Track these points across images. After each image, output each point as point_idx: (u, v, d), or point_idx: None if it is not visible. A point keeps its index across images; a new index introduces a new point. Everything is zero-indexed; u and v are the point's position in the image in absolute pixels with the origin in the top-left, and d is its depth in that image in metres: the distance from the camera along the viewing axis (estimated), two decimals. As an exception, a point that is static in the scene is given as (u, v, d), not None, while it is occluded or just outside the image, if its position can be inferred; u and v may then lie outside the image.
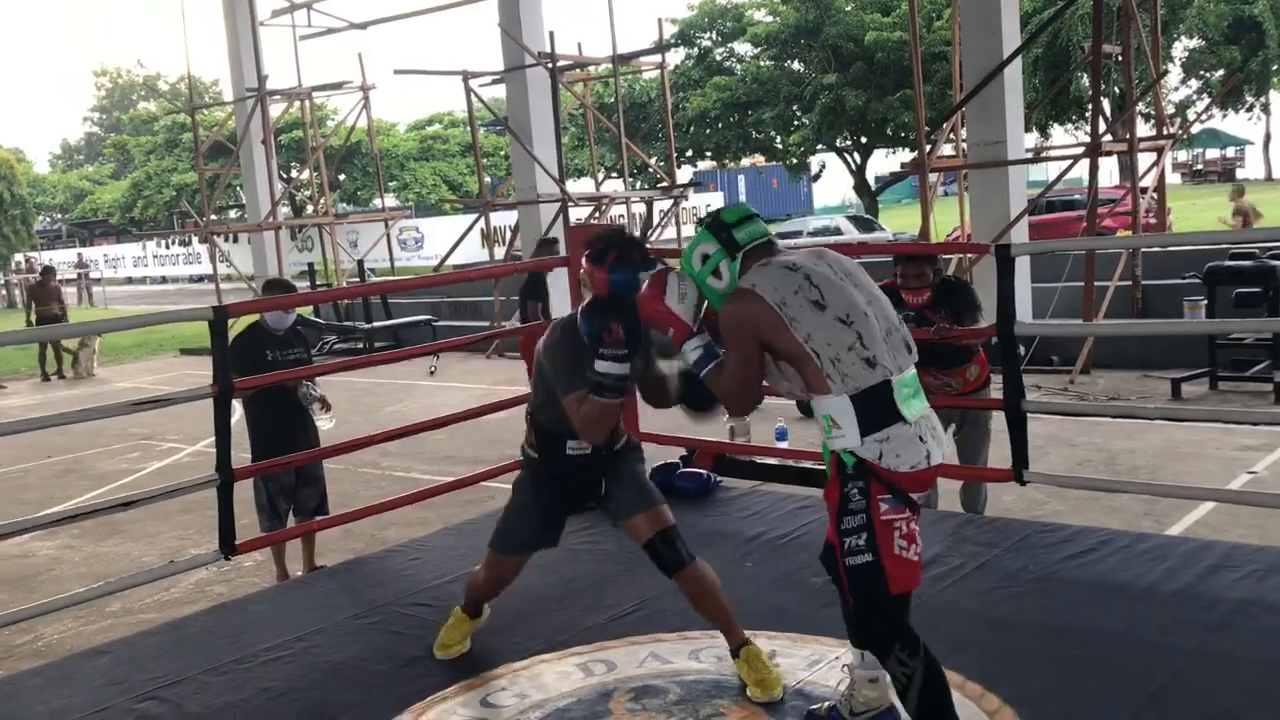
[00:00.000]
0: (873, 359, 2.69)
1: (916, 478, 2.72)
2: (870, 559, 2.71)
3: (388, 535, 6.17)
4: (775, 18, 27.65)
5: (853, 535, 2.72)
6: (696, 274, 2.88)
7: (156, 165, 40.27)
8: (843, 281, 2.79)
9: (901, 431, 2.70)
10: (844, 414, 2.70)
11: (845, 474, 2.73)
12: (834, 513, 2.78)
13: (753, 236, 2.86)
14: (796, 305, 2.71)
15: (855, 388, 2.68)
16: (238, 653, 3.99)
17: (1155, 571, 4.08)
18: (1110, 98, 17.56)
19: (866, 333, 2.71)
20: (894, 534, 2.70)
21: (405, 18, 18.04)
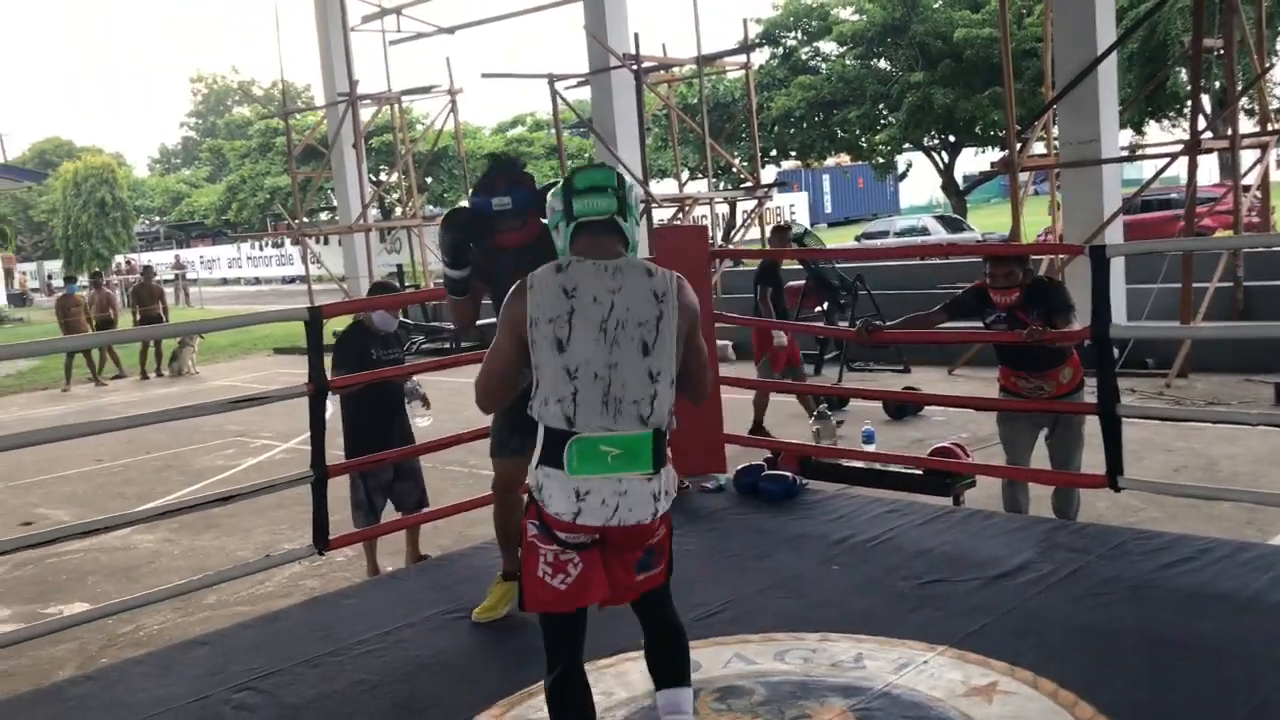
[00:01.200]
0: (571, 416, 2.67)
1: (560, 524, 2.70)
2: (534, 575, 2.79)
3: (474, 533, 6.24)
4: (861, 16, 27.39)
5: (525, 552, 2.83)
6: (548, 220, 2.91)
7: (250, 169, 41.31)
8: (603, 335, 2.68)
9: (560, 478, 2.67)
10: (540, 436, 2.73)
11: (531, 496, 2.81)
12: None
13: (589, 210, 2.77)
14: (542, 333, 2.68)
15: (547, 425, 2.71)
16: (330, 645, 4.08)
17: (1260, 581, 3.95)
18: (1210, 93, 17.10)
19: (583, 392, 2.66)
20: (539, 558, 2.75)
21: (492, 21, 18.30)
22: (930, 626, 3.79)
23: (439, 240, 3.89)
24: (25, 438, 4.42)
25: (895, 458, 6.12)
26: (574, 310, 2.68)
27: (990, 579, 4.19)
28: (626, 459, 2.69)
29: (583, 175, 2.81)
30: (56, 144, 58.09)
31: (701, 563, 4.65)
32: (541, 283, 2.71)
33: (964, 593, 4.10)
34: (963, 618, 3.85)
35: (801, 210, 38.17)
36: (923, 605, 4.01)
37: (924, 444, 7.49)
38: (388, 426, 5.67)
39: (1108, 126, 10.90)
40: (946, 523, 4.97)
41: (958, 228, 24.70)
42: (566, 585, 2.75)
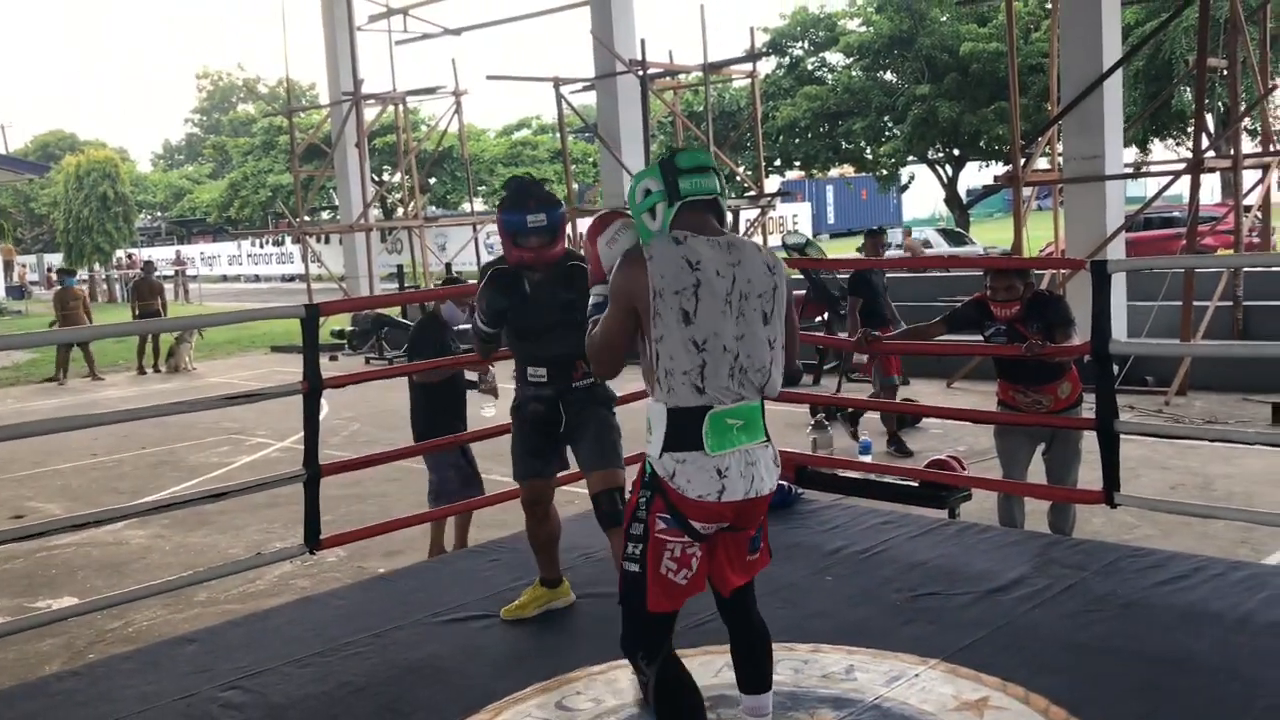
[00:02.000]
0: (701, 387, 2.64)
1: (704, 508, 2.66)
2: (638, 570, 2.72)
3: (469, 536, 6.22)
4: (868, 27, 27.41)
5: (631, 542, 2.74)
6: (636, 206, 2.81)
7: (253, 166, 41.31)
8: (729, 305, 2.68)
9: (698, 459, 2.64)
10: (659, 422, 2.69)
11: (644, 480, 2.73)
12: (627, 515, 2.79)
13: (696, 190, 2.74)
14: (668, 305, 2.64)
15: (675, 404, 2.66)
16: (320, 646, 4.06)
17: (1252, 601, 3.94)
18: (1214, 113, 17.12)
19: (711, 364, 2.65)
20: (664, 554, 2.69)
21: (498, 24, 18.31)
22: (923, 640, 3.77)
23: (483, 300, 3.91)
24: (18, 429, 4.41)
25: (891, 469, 6.10)
26: (699, 283, 2.66)
27: (984, 593, 4.18)
28: (748, 429, 2.71)
29: (685, 156, 2.80)
30: (59, 137, 58.07)
31: (694, 570, 4.62)
32: (662, 254, 2.67)
33: (957, 606, 4.08)
34: (956, 631, 3.83)
35: (804, 220, 38.18)
36: (916, 618, 3.99)
37: (921, 456, 7.48)
38: (459, 416, 5.73)
39: (1112, 143, 10.90)
40: (941, 535, 4.95)
41: (960, 241, 24.70)
42: (688, 580, 2.72)
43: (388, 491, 7.75)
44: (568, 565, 4.76)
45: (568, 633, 4.06)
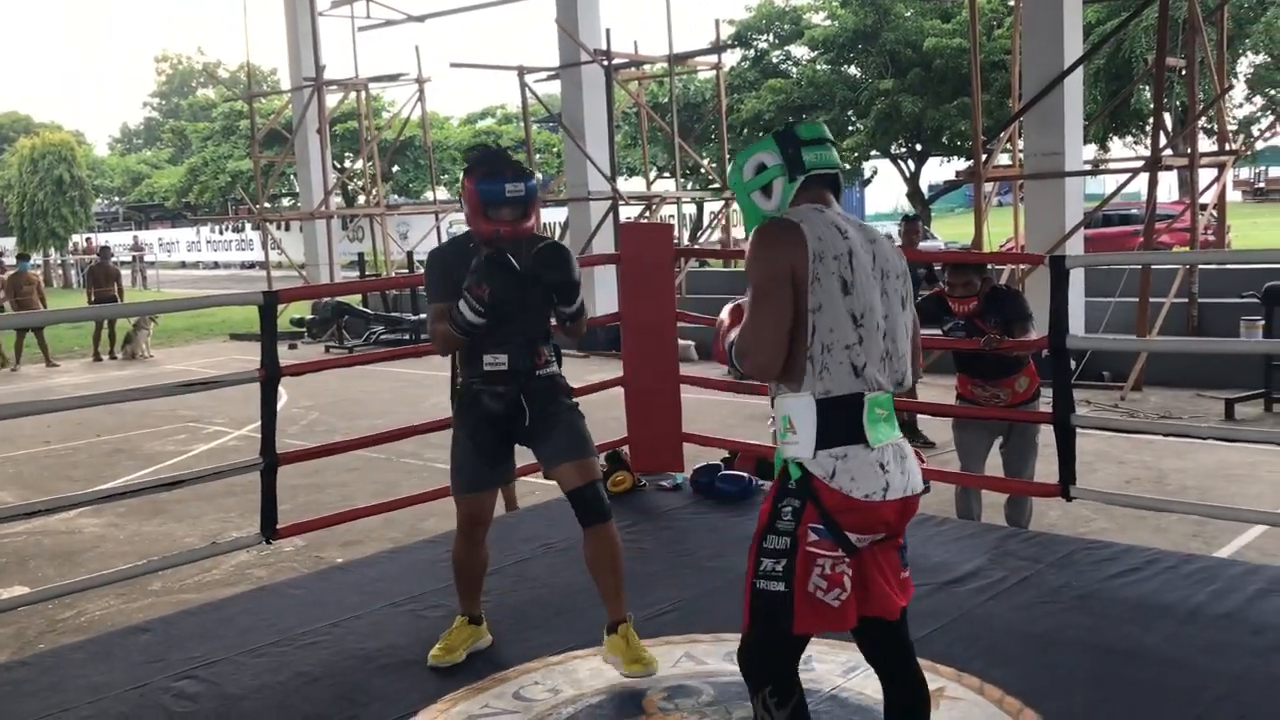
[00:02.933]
0: (859, 368, 2.38)
1: (863, 510, 2.37)
2: (783, 589, 2.39)
3: (427, 526, 6.19)
4: (833, 21, 27.49)
5: (771, 558, 2.40)
6: (744, 183, 2.51)
7: (213, 151, 40.82)
8: (876, 280, 2.45)
9: (861, 454, 2.37)
10: (806, 417, 2.36)
11: (786, 487, 2.41)
12: (760, 527, 2.44)
13: (821, 162, 2.48)
14: (829, 269, 2.36)
15: (826, 390, 2.36)
16: (275, 636, 4.02)
17: (1202, 594, 3.99)
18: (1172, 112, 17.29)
19: (868, 340, 2.40)
20: (814, 570, 2.38)
21: (463, 11, 18.20)
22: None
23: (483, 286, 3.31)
24: (-32, 415, 4.32)
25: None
26: (852, 252, 2.40)
27: (941, 585, 4.21)
28: (891, 421, 2.46)
29: (806, 127, 2.51)
30: (14, 119, 57.11)
31: (655, 561, 4.63)
32: (810, 219, 2.40)
33: (914, 598, 4.08)
34: (912, 622, 3.81)
35: (767, 213, 38.22)
36: (873, 609, 4.01)
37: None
38: None
39: (1072, 140, 11.01)
40: (899, 528, 4.97)
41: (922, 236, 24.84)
42: (840, 602, 2.39)
43: (347, 481, 7.71)
44: (527, 556, 4.75)
45: (526, 623, 4.05)
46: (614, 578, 3.54)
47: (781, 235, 2.39)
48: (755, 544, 2.45)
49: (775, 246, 2.39)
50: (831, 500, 2.35)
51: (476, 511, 3.67)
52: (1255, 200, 44.46)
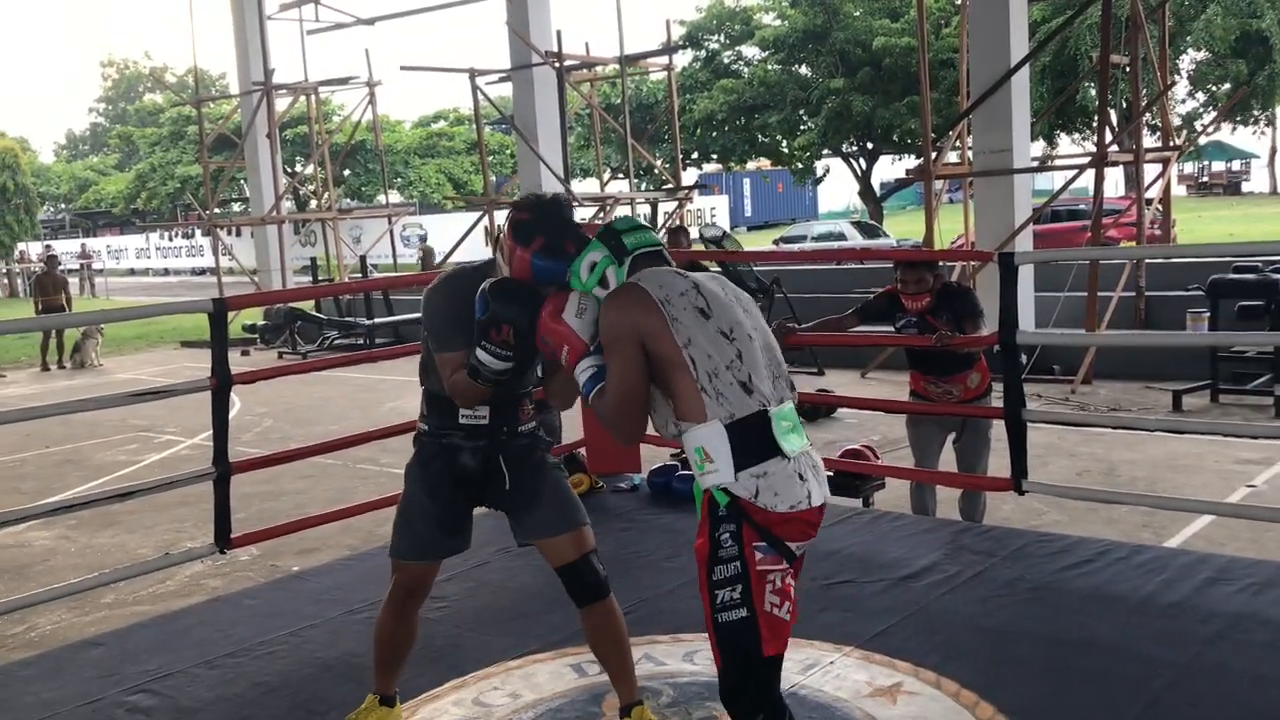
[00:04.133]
0: (749, 383, 2.42)
1: (794, 520, 2.40)
2: (745, 615, 2.37)
3: (384, 532, 6.09)
4: (783, 21, 27.68)
5: (725, 587, 2.38)
6: (584, 284, 2.62)
7: (161, 157, 40.33)
8: (732, 302, 2.55)
9: (780, 468, 2.39)
10: (718, 444, 2.38)
11: (717, 516, 2.39)
12: (703, 563, 2.42)
13: (641, 244, 2.62)
14: (681, 306, 2.45)
15: (730, 414, 2.39)
16: (231, 647, 3.98)
17: (1152, 583, 4.06)
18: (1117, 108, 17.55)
19: (747, 352, 2.45)
20: (767, 587, 2.38)
21: (413, 14, 18.10)
22: (837, 627, 3.82)
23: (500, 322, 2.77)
24: (-90, 430, 4.24)
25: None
26: (697, 284, 2.51)
27: (897, 580, 4.25)
28: (799, 430, 2.49)
29: (619, 221, 2.71)
30: (-44, 126, 56.09)
31: (613, 563, 4.60)
32: (645, 275, 2.54)
33: (871, 594, 4.14)
34: (869, 619, 3.89)
35: (722, 213, 38.42)
36: (830, 606, 4.05)
37: (836, 446, 7.58)
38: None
39: (1020, 137, 11.14)
40: (855, 524, 5.03)
41: (874, 233, 25.06)
42: (789, 614, 2.43)
43: (302, 489, 7.64)
44: (484, 560, 4.73)
45: (484, 628, 4.04)
46: (620, 656, 3.12)
47: (625, 298, 2.50)
48: (704, 580, 2.43)
49: (622, 308, 2.49)
50: (762, 517, 2.37)
51: (415, 583, 3.17)
52: (1199, 194, 45.26)
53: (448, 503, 3.10)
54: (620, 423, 2.51)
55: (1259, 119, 29.85)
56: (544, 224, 2.84)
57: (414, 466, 3.15)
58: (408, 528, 3.13)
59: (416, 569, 3.15)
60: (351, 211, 25.03)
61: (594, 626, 3.11)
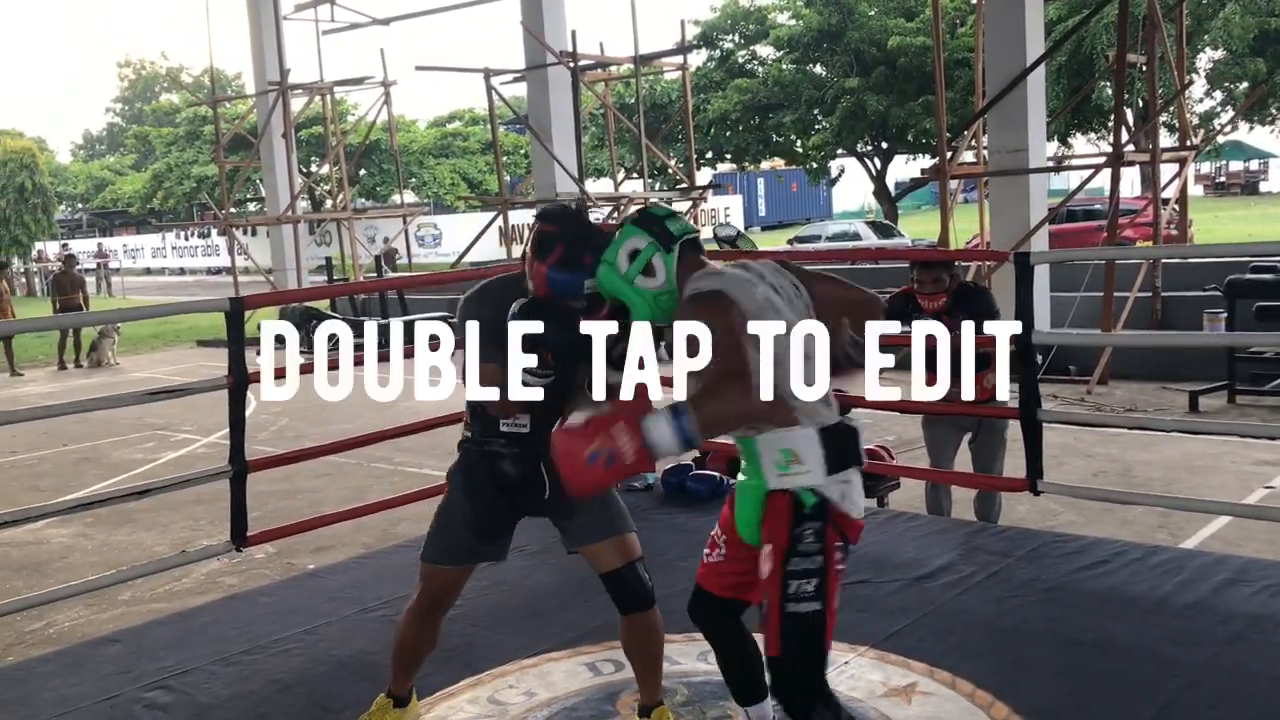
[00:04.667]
0: (826, 398, 2.51)
1: (857, 528, 2.55)
2: (818, 608, 2.47)
3: (399, 531, 6.17)
4: (798, 21, 27.62)
5: (801, 579, 2.46)
6: (623, 274, 2.56)
7: (177, 157, 40.50)
8: (794, 315, 2.53)
9: (856, 478, 2.54)
10: (810, 448, 2.46)
11: (801, 514, 2.47)
12: (779, 555, 2.48)
13: (686, 230, 2.58)
14: (764, 323, 2.46)
15: (819, 422, 2.47)
16: (247, 644, 4.00)
17: (1168, 585, 4.05)
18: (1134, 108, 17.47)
19: (819, 371, 2.51)
20: (837, 587, 2.52)
21: (428, 14, 18.13)
22: (852, 627, 3.81)
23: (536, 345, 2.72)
24: (-70, 427, 4.27)
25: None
26: (773, 286, 2.52)
27: (912, 580, 4.24)
28: None
29: (654, 208, 2.68)
30: (-26, 127, 56.41)
31: (627, 562, 4.64)
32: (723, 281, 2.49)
33: (886, 594, 4.14)
34: (884, 619, 3.89)
35: (736, 213, 38.40)
36: (845, 606, 3.99)
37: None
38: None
39: (1035, 137, 11.11)
40: (870, 524, 4.95)
41: (888, 233, 25.01)
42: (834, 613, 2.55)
43: (318, 487, 7.67)
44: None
45: (499, 626, 4.05)
46: (654, 666, 3.12)
47: (726, 309, 2.43)
48: (776, 570, 2.47)
49: (719, 313, 2.42)
50: (843, 522, 2.51)
51: (444, 590, 3.12)
52: (1216, 194, 45.01)
53: (487, 509, 3.06)
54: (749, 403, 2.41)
55: (1277, 118, 29.64)
56: (566, 235, 2.79)
57: (456, 472, 3.12)
58: (443, 532, 3.09)
59: (447, 574, 3.09)
60: (366, 211, 25.08)
61: (633, 636, 3.08)
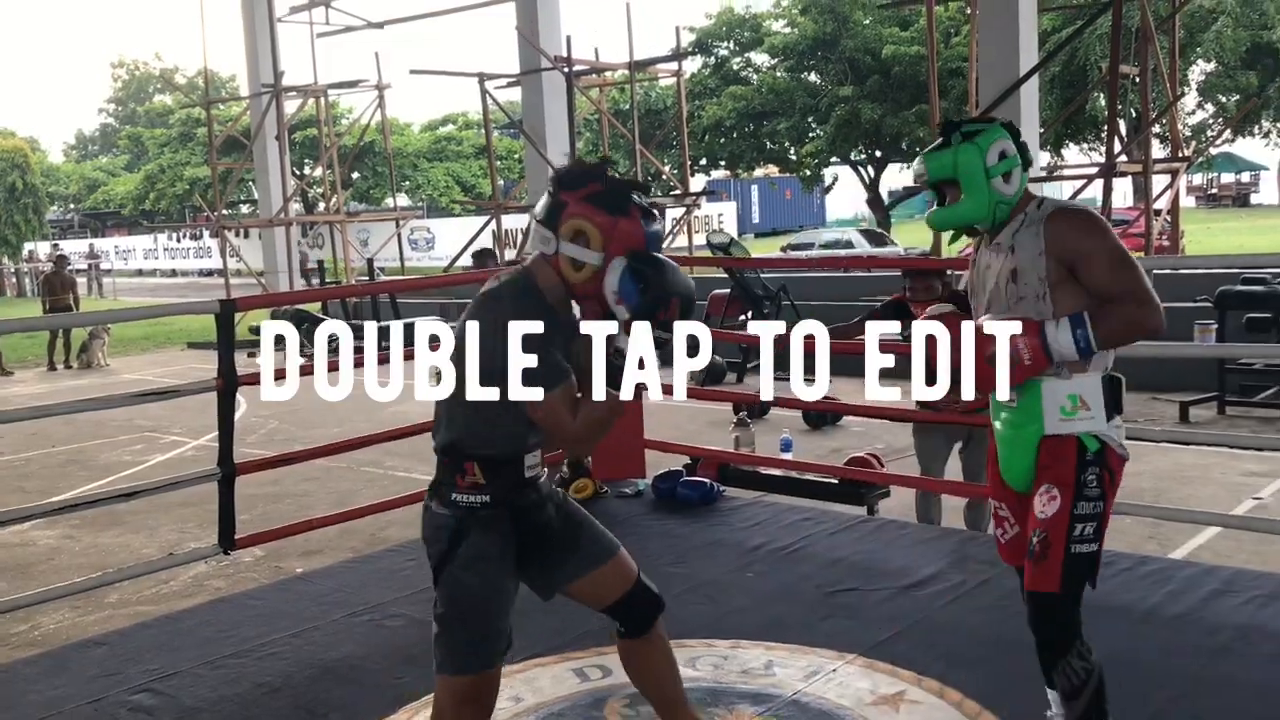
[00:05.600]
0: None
1: (1123, 465, 2.72)
2: (1095, 549, 2.61)
3: (388, 535, 6.15)
4: (793, 29, 27.70)
5: (1086, 523, 2.60)
6: (989, 167, 2.63)
7: (170, 158, 40.43)
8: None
9: (1122, 422, 2.71)
10: (1097, 394, 2.64)
11: (1085, 459, 2.62)
12: (1068, 497, 2.60)
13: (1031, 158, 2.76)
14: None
15: (1106, 367, 2.67)
16: (233, 647, 3.98)
17: (1158, 595, 4.05)
18: (1126, 119, 17.53)
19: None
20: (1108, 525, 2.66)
21: (423, 18, 18.13)
22: (841, 635, 3.81)
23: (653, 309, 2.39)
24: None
25: (812, 466, 6.17)
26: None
27: (901, 588, 4.24)
28: None
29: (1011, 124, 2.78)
30: (-34, 126, 56.23)
31: (616, 568, 4.63)
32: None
33: (875, 602, 4.13)
34: (873, 627, 3.88)
35: (730, 220, 38.42)
36: (834, 613, 4.04)
37: (841, 453, 7.56)
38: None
39: (1028, 147, 11.13)
40: (860, 532, 5.02)
41: (881, 242, 25.03)
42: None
43: (307, 490, 7.65)
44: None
45: (488, 632, 4.03)
46: (677, 681, 2.81)
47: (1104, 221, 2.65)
48: (1065, 512, 2.60)
49: (1110, 231, 2.63)
50: (1118, 463, 2.68)
51: (492, 692, 2.58)
52: (1208, 206, 45.17)
53: (505, 578, 2.56)
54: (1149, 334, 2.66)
55: (1269, 131, 29.76)
56: (630, 186, 2.45)
57: (479, 553, 2.50)
58: (487, 629, 2.52)
59: (493, 679, 2.57)
60: (359, 214, 25.04)
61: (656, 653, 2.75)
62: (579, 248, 2.40)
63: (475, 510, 2.52)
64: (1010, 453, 2.74)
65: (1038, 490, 2.64)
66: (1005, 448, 2.76)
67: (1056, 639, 2.65)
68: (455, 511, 2.52)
